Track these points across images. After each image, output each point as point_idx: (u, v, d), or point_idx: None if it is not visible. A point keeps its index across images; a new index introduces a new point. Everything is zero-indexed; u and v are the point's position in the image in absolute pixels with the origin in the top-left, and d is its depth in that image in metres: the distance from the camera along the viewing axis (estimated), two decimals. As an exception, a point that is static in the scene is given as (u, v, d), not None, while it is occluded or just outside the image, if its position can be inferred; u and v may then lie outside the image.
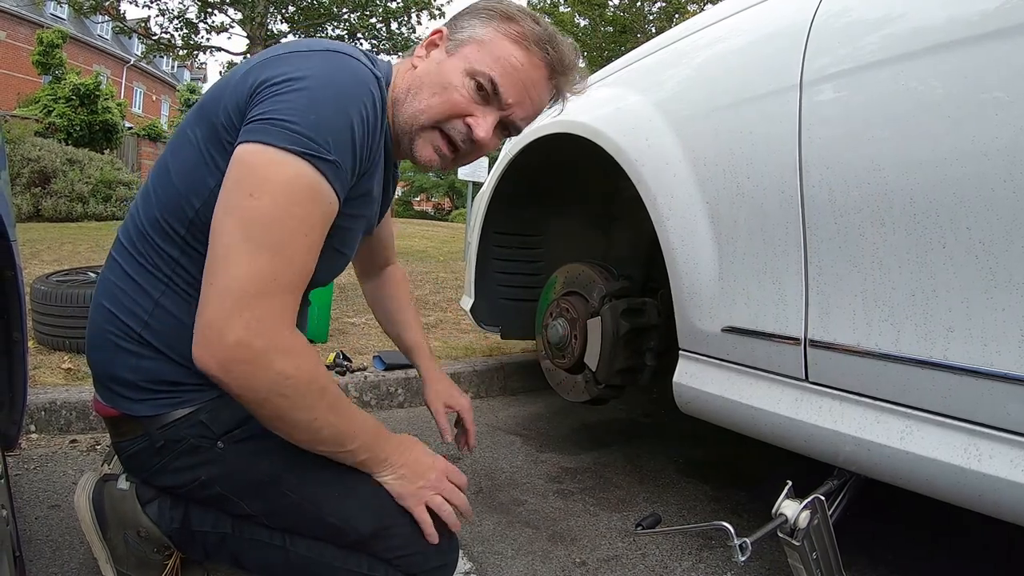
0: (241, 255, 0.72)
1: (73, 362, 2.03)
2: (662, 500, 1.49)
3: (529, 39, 0.88)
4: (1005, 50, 0.77)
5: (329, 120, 0.75)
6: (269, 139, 0.73)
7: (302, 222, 0.75)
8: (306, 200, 0.75)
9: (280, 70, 0.77)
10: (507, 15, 0.89)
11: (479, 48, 0.88)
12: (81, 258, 4.29)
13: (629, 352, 1.58)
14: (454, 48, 0.90)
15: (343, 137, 0.77)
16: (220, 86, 0.84)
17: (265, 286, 0.73)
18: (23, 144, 8.44)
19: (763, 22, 1.13)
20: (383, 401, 2.11)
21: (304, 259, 0.77)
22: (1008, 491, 0.77)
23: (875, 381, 0.92)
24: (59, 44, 15.67)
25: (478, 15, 0.91)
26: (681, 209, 1.22)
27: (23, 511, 1.28)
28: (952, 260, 0.82)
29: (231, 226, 0.73)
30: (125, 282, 0.87)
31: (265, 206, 0.72)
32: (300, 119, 0.73)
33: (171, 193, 0.84)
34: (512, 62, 0.88)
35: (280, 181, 0.73)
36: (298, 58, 0.79)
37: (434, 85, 0.89)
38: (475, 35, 0.89)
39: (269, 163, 0.73)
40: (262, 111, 0.75)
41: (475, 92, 0.88)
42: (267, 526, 0.92)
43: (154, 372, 0.87)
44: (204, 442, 0.88)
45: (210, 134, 0.81)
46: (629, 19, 16.94)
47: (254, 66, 0.81)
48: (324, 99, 0.75)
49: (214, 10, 13.45)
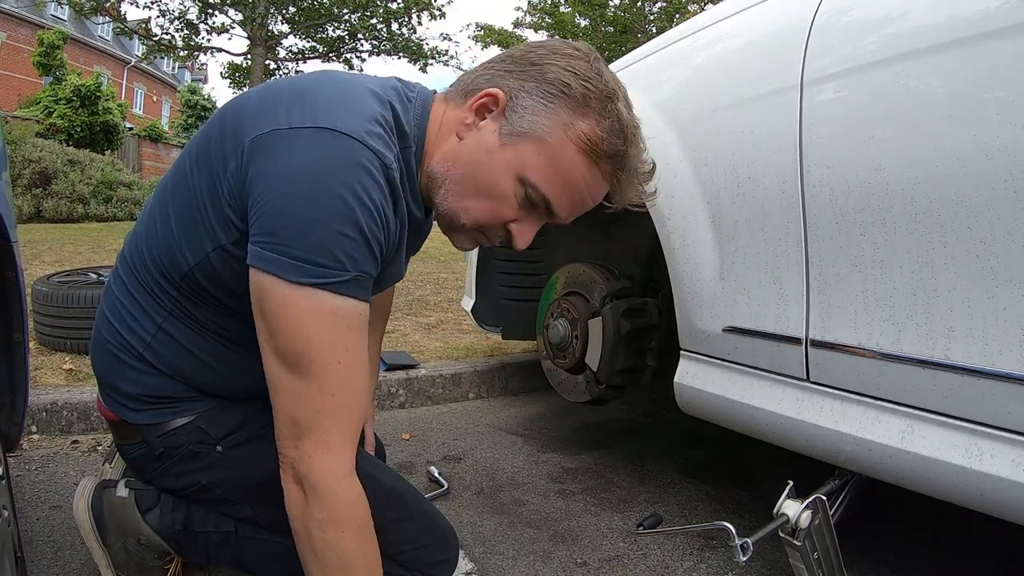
0: (285, 392, 0.71)
1: (74, 363, 2.03)
2: (663, 500, 1.49)
3: (601, 152, 0.75)
4: (1006, 49, 0.76)
5: (331, 235, 0.67)
6: (278, 271, 0.68)
7: (332, 348, 0.70)
8: (328, 328, 0.70)
9: (266, 164, 0.69)
10: (581, 100, 0.74)
11: (539, 151, 0.75)
12: (82, 259, 4.30)
13: (630, 352, 1.57)
14: (509, 137, 0.76)
15: (351, 246, 0.69)
16: (218, 128, 0.77)
17: (312, 420, 0.70)
18: (24, 145, 8.45)
19: (764, 22, 1.13)
20: (384, 401, 2.11)
21: (346, 385, 0.72)
22: (1009, 491, 0.77)
23: (876, 381, 0.92)
24: (60, 45, 15.69)
25: (543, 90, 0.75)
26: (682, 209, 1.22)
27: (24, 512, 1.28)
28: (953, 260, 0.82)
29: (269, 358, 0.72)
30: (128, 299, 0.87)
31: (291, 345, 0.70)
32: (299, 243, 0.67)
33: (168, 238, 0.81)
34: (574, 179, 0.76)
35: (298, 318, 0.69)
36: (283, 143, 0.69)
37: (479, 183, 0.78)
38: (536, 128, 0.75)
39: (284, 303, 0.69)
40: (261, 229, 0.69)
41: (524, 200, 0.78)
42: (269, 527, 0.92)
43: (155, 388, 0.87)
44: (203, 447, 0.89)
45: (211, 195, 0.76)
46: (630, 19, 16.94)
47: (247, 128, 0.72)
48: (317, 208, 0.67)
49: (215, 11, 13.44)
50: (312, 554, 0.72)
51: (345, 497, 0.72)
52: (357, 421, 0.74)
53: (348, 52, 14.65)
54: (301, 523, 0.72)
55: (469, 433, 1.90)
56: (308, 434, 0.71)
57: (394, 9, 14.13)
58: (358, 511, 0.74)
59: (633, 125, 0.78)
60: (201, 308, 0.84)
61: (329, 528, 0.71)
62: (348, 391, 0.72)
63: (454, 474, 1.59)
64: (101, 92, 12.92)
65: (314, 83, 0.76)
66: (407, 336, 2.72)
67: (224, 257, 0.77)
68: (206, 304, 0.83)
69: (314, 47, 14.70)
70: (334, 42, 14.60)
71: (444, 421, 2.01)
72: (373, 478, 0.91)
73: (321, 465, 0.71)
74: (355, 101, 0.73)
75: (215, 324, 0.85)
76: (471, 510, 1.41)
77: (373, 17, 14.20)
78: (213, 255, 0.78)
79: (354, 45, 14.63)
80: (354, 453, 0.74)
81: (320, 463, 0.71)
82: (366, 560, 0.75)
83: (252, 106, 0.75)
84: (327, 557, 0.72)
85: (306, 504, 0.71)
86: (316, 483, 0.71)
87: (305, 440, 0.71)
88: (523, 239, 0.81)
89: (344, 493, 0.72)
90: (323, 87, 0.75)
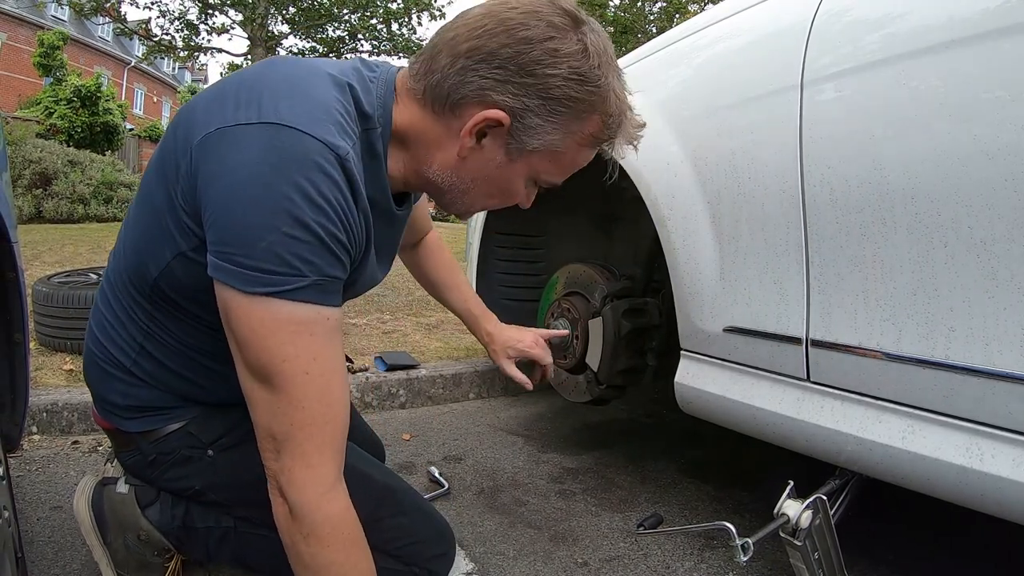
0: (258, 405, 0.70)
1: (74, 363, 2.03)
2: (664, 500, 1.49)
3: (605, 139, 0.77)
4: (1007, 49, 0.76)
5: (282, 240, 0.64)
6: (233, 281, 0.65)
7: (297, 360, 0.67)
8: (290, 338, 0.67)
9: (213, 166, 0.66)
10: (587, 106, 0.72)
11: (551, 161, 0.76)
12: (82, 259, 4.29)
13: (630, 352, 1.57)
14: (518, 154, 0.75)
15: (305, 249, 0.65)
16: (171, 135, 0.74)
17: (286, 432, 0.68)
18: (24, 146, 8.44)
19: (764, 22, 1.13)
20: (384, 402, 2.11)
21: (318, 396, 0.69)
22: (1010, 490, 0.77)
23: (877, 381, 0.92)
24: (60, 46, 15.70)
25: (550, 109, 0.71)
26: (682, 209, 1.22)
27: (25, 512, 1.28)
28: (954, 259, 0.82)
29: (241, 371, 0.70)
30: (113, 317, 0.87)
31: (256, 357, 0.67)
32: (248, 251, 0.64)
33: (136, 250, 0.80)
34: (579, 164, 0.80)
35: (257, 330, 0.66)
36: (228, 142, 0.66)
37: (492, 187, 0.79)
38: (547, 143, 0.74)
39: (243, 315, 0.66)
40: (213, 238, 0.66)
41: (531, 187, 0.82)
42: (268, 525, 0.92)
43: (144, 399, 0.88)
44: (195, 452, 0.90)
45: (168, 202, 0.73)
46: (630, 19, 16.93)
47: (196, 129, 0.69)
48: (264, 212, 0.63)
49: (215, 11, 13.46)
50: (302, 567, 0.71)
51: (327, 512, 0.70)
52: (335, 431, 0.71)
53: (348, 52, 14.66)
54: (288, 537, 0.71)
55: (469, 433, 1.90)
56: (285, 447, 0.69)
57: (394, 9, 14.14)
58: (342, 525, 0.71)
59: (626, 97, 0.77)
60: (176, 322, 0.83)
61: (314, 543, 0.69)
62: (320, 402, 0.69)
63: (455, 474, 1.59)
64: (101, 93, 12.92)
65: (260, 73, 0.71)
66: (407, 336, 2.72)
67: (185, 264, 0.75)
68: (179, 318, 0.83)
69: (314, 47, 14.71)
70: (334, 42, 14.61)
71: (444, 421, 2.01)
72: (366, 475, 0.91)
73: (301, 479, 0.69)
74: (304, 89, 0.69)
75: (191, 339, 0.85)
76: (472, 510, 1.41)
77: (373, 17, 14.22)
78: (174, 263, 0.76)
79: (354, 45, 14.65)
80: (337, 464, 0.72)
81: (300, 477, 0.69)
82: (358, 573, 0.73)
83: (201, 105, 0.72)
84: (316, 570, 0.71)
85: (291, 519, 0.70)
86: (297, 498, 0.69)
87: (284, 454, 0.69)
88: (526, 204, 0.84)
89: (326, 508, 0.70)
90: (270, 77, 0.70)
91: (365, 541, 0.74)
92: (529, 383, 1.22)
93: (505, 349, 1.22)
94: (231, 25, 13.66)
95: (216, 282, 0.68)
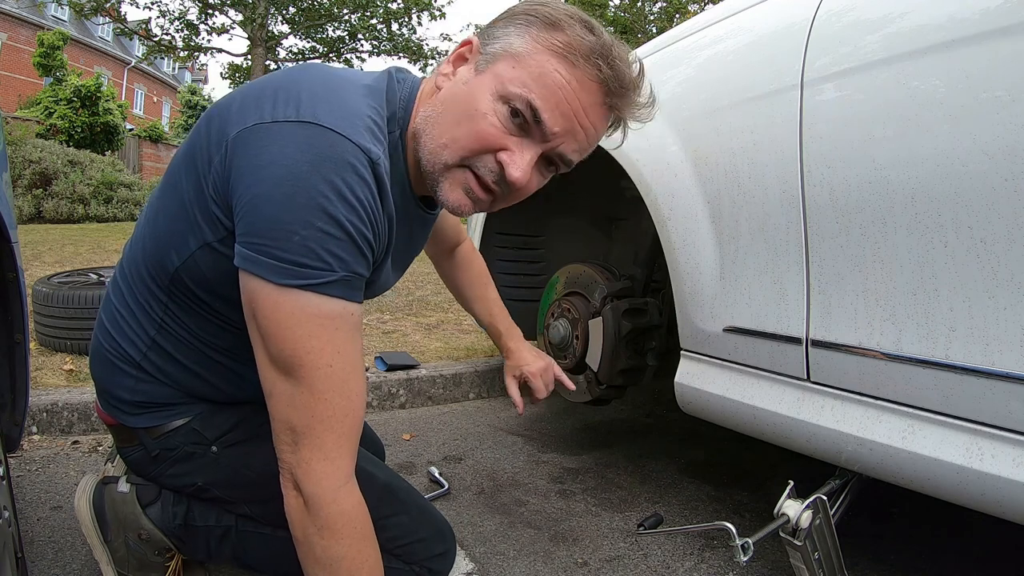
0: (279, 396, 0.70)
1: (75, 363, 2.03)
2: (664, 500, 1.49)
3: (577, 52, 0.71)
4: (1007, 48, 0.76)
5: (316, 235, 0.65)
6: (263, 272, 0.66)
7: (322, 353, 0.69)
8: (317, 331, 0.68)
9: (249, 160, 0.67)
10: (551, 21, 0.72)
11: (514, 64, 0.72)
12: (82, 260, 4.30)
13: (631, 352, 1.57)
14: (485, 64, 0.74)
15: (337, 245, 0.67)
16: (204, 129, 0.75)
17: (306, 425, 0.69)
18: (24, 146, 8.45)
19: (764, 21, 1.13)
20: (385, 402, 2.11)
21: (339, 389, 0.70)
22: (1010, 490, 0.77)
23: (877, 381, 0.92)
24: (60, 46, 15.72)
25: (514, 21, 0.74)
26: (682, 209, 1.22)
27: (25, 512, 1.28)
28: (954, 259, 0.82)
29: (263, 362, 0.71)
30: (125, 309, 0.87)
31: (280, 348, 0.69)
32: (283, 243, 0.65)
33: (157, 240, 0.81)
34: (556, 80, 0.71)
35: (285, 322, 0.68)
36: (266, 137, 0.67)
37: (458, 112, 0.74)
38: (510, 47, 0.73)
39: (271, 306, 0.68)
40: (245, 229, 0.67)
41: (509, 120, 0.73)
42: (269, 523, 0.92)
43: (151, 394, 0.88)
44: (198, 448, 0.90)
45: (197, 192, 0.74)
46: (630, 19, 16.93)
47: (231, 123, 0.71)
48: (300, 207, 0.65)
49: (215, 11, 13.46)
50: (313, 560, 0.72)
51: (342, 506, 0.71)
52: (353, 425, 0.73)
53: (348, 52, 14.66)
54: (300, 530, 0.72)
55: (470, 433, 1.90)
56: (304, 439, 0.69)
57: (394, 9, 14.13)
58: (356, 520, 0.73)
59: (611, 44, 0.74)
60: (192, 316, 0.84)
61: (328, 536, 0.70)
62: (341, 395, 0.70)
63: (455, 474, 1.59)
64: (101, 93, 12.92)
65: (299, 76, 0.73)
66: (408, 336, 2.72)
67: (209, 254, 0.76)
68: (196, 311, 0.83)
69: (314, 47, 14.71)
70: (334, 42, 14.60)
71: (445, 421, 2.01)
72: (368, 474, 0.91)
73: (319, 472, 0.70)
74: (341, 94, 0.71)
75: (206, 334, 0.85)
76: (472, 510, 1.41)
77: (373, 17, 14.21)
78: (198, 253, 0.76)
79: (354, 45, 14.64)
80: (353, 458, 0.73)
81: (317, 470, 0.70)
82: (368, 567, 0.74)
83: (238, 102, 0.73)
84: (328, 564, 0.71)
85: (305, 511, 0.70)
86: (313, 491, 0.70)
87: (302, 446, 0.70)
88: (517, 167, 0.73)
89: (342, 501, 0.71)
90: (308, 80, 0.72)
91: (375, 537, 0.75)
92: (520, 406, 1.23)
93: (514, 368, 1.25)
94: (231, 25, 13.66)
95: (243, 273, 0.69)
